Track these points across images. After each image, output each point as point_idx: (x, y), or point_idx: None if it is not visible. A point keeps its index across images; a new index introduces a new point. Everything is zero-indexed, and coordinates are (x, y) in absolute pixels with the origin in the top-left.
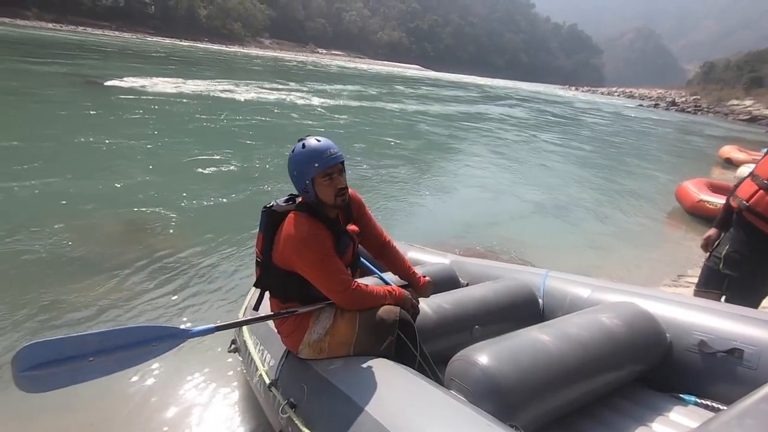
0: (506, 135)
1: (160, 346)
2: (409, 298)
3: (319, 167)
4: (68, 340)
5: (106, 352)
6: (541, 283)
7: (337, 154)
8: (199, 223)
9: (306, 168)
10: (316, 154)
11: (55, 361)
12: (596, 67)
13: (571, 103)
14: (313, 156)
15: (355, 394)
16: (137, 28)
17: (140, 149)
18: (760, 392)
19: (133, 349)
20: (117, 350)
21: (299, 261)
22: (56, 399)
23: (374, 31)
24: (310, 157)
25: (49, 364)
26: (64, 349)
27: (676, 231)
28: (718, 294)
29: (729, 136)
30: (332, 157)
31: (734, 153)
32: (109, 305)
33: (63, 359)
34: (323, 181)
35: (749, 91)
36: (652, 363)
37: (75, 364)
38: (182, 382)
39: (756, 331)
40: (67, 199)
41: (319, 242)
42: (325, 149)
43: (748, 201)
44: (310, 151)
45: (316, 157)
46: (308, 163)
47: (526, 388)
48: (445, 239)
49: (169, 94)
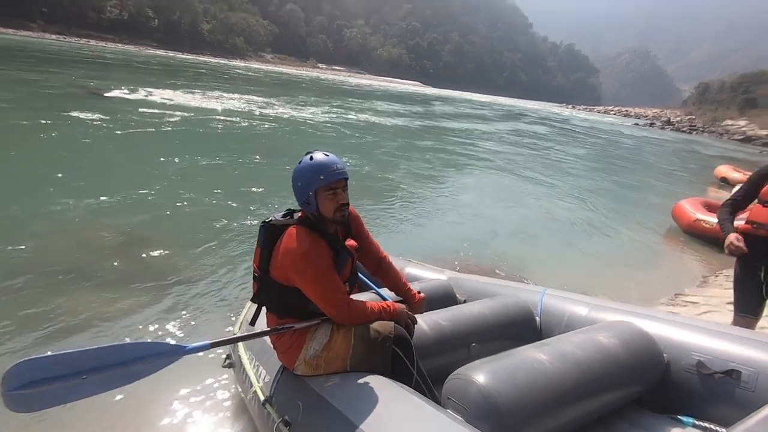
0: (504, 152)
1: (155, 363)
2: (405, 314)
3: (324, 180)
4: (60, 357)
5: (100, 370)
6: (538, 300)
7: (342, 169)
8: (196, 236)
9: (311, 180)
10: (323, 168)
11: (46, 379)
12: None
13: (568, 121)
14: (319, 169)
15: (351, 413)
16: (141, 41)
17: (137, 161)
18: (758, 415)
19: (127, 367)
20: (111, 367)
21: (298, 276)
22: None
23: (375, 47)
24: (316, 170)
25: (40, 382)
26: (56, 366)
27: (673, 250)
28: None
29: (724, 155)
30: (338, 172)
31: (730, 172)
32: (104, 320)
33: (55, 377)
34: (326, 195)
35: (743, 112)
36: (649, 383)
37: (67, 382)
38: (175, 397)
39: (754, 352)
40: (63, 211)
41: (318, 258)
42: (331, 164)
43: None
44: (317, 164)
45: (322, 170)
46: (314, 176)
47: (523, 408)
48: (442, 255)
49: (168, 107)
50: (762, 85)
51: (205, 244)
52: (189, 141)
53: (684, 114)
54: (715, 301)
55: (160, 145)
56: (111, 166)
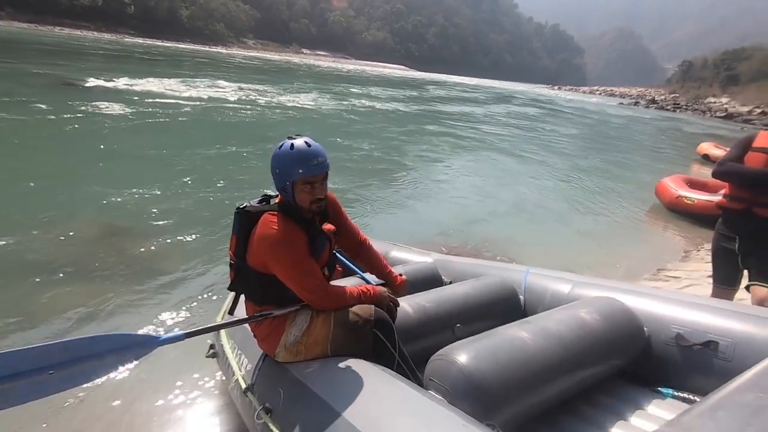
0: (488, 134)
1: (127, 354)
2: (386, 297)
3: (303, 173)
4: (24, 352)
5: (69, 364)
6: (522, 279)
7: (323, 162)
8: (177, 226)
9: (289, 170)
10: (303, 160)
11: (9, 376)
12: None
13: (553, 102)
14: (299, 160)
15: (331, 397)
16: (117, 28)
17: (116, 152)
18: (733, 384)
19: (98, 360)
20: (80, 361)
21: (274, 263)
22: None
23: (359, 31)
24: (295, 161)
25: (2, 379)
26: (19, 362)
27: (656, 226)
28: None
29: (706, 133)
30: (318, 166)
31: (712, 149)
32: (83, 313)
33: (18, 374)
34: (303, 188)
35: (725, 89)
36: (630, 357)
37: (33, 378)
38: (159, 389)
39: (731, 323)
40: (41, 204)
41: (293, 244)
42: (313, 157)
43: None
44: (298, 155)
45: (302, 162)
46: (292, 166)
47: (504, 386)
48: (428, 239)
49: (145, 95)
50: (743, 61)
51: (190, 234)
52: (173, 131)
53: (668, 92)
54: (696, 274)
55: (142, 135)
56: (90, 158)
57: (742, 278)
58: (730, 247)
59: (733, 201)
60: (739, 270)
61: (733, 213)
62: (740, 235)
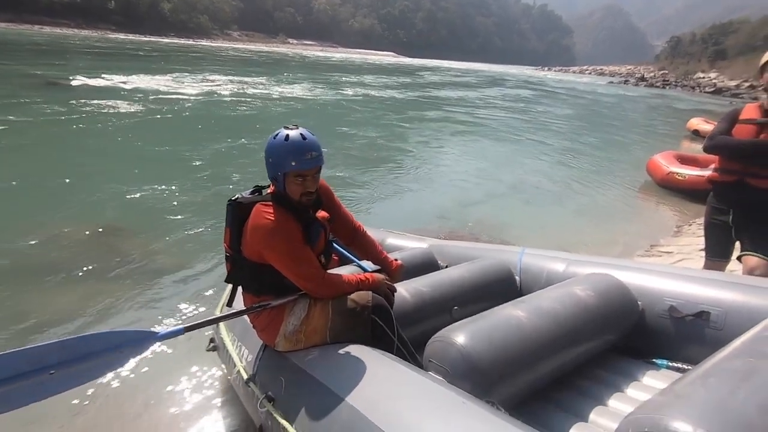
0: (479, 118)
1: (127, 351)
2: (384, 283)
3: (295, 166)
4: (22, 353)
5: (69, 363)
6: (517, 260)
7: (317, 156)
8: (174, 221)
9: (282, 161)
10: (297, 152)
11: (8, 378)
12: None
13: (543, 83)
14: (292, 152)
15: (332, 382)
16: (98, 24)
17: (105, 151)
18: (723, 352)
19: (99, 358)
20: (81, 360)
21: (269, 252)
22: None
23: (345, 19)
24: (289, 153)
25: (2, 381)
26: (18, 363)
27: (648, 203)
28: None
29: (696, 108)
30: (311, 161)
31: (701, 125)
32: (78, 311)
33: (18, 375)
34: (295, 180)
35: (714, 64)
36: (625, 331)
37: (34, 379)
38: (162, 383)
39: (722, 293)
40: (29, 206)
41: (287, 232)
42: (307, 150)
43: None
44: (292, 147)
45: (295, 155)
46: (286, 157)
47: (502, 364)
48: (424, 225)
49: (131, 92)
50: (731, 35)
51: (186, 229)
52: (155, 126)
53: (657, 69)
54: (688, 249)
55: (127, 132)
56: (76, 158)
57: (734, 250)
58: (723, 220)
59: (725, 174)
60: (732, 242)
61: (725, 185)
62: (733, 207)
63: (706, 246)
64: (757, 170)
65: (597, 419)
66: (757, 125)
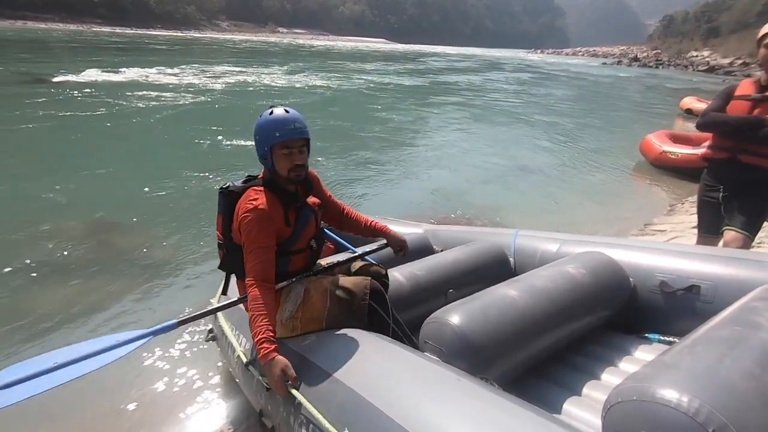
0: (471, 103)
1: (125, 347)
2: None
3: (279, 137)
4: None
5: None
6: (511, 242)
7: (301, 128)
8: (166, 215)
9: (268, 135)
10: (280, 124)
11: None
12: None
13: (536, 66)
14: (276, 125)
15: (330, 366)
16: (83, 18)
17: (96, 146)
18: (711, 322)
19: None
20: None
21: (240, 233)
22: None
23: (335, 5)
24: (273, 125)
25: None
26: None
27: (642, 183)
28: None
29: (689, 87)
30: (295, 131)
31: (694, 103)
32: (77, 309)
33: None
34: (281, 152)
35: (707, 42)
36: (618, 307)
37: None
38: (162, 374)
39: (711, 267)
40: (22, 202)
41: (264, 218)
42: (290, 121)
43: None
44: (275, 120)
45: (279, 126)
46: (270, 131)
47: (496, 342)
48: (419, 211)
49: (119, 86)
50: (724, 12)
51: (177, 221)
52: (147, 120)
53: (650, 49)
54: (681, 227)
55: (118, 127)
56: (68, 154)
57: (724, 226)
58: (714, 196)
59: (717, 150)
60: (722, 218)
61: (718, 162)
62: (724, 184)
63: (699, 222)
64: (749, 147)
65: (590, 393)
66: (752, 101)
